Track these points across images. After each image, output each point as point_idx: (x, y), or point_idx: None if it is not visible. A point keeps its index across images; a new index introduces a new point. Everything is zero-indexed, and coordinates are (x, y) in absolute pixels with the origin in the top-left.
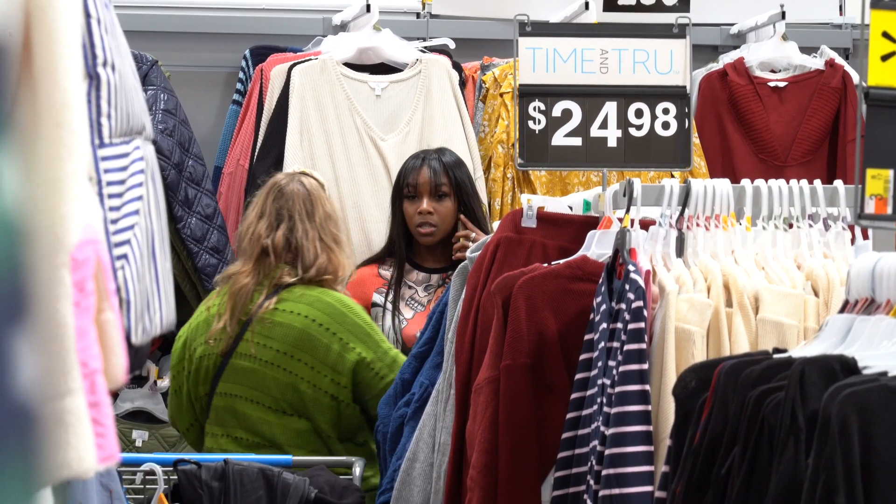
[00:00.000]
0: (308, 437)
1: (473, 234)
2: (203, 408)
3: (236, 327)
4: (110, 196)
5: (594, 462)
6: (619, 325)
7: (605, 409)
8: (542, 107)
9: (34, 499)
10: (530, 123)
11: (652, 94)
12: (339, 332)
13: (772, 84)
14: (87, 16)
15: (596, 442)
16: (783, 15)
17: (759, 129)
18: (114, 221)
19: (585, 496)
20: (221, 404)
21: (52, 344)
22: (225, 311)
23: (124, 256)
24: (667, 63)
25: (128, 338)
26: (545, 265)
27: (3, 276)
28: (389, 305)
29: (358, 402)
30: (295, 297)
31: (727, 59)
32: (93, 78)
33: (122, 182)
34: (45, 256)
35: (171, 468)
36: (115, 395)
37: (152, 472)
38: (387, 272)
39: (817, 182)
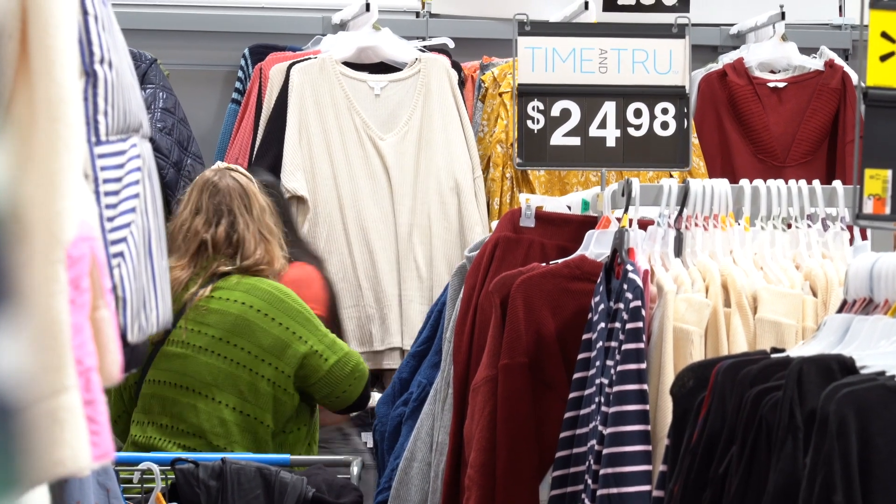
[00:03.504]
0: (231, 427)
1: None
2: (132, 396)
3: None
4: (107, 194)
5: (592, 461)
6: (618, 325)
7: (603, 408)
8: (541, 106)
9: (16, 498)
10: (529, 123)
11: (651, 94)
12: (279, 317)
13: (771, 84)
14: (85, 13)
15: (594, 441)
16: (783, 15)
17: (759, 129)
18: (110, 219)
19: (583, 495)
20: (149, 392)
21: (47, 341)
22: None
23: (121, 254)
24: (666, 63)
25: (123, 336)
26: (543, 265)
27: None
28: None
29: (300, 388)
30: (231, 284)
31: (726, 59)
32: (90, 75)
33: (118, 180)
34: (41, 253)
35: (169, 467)
36: None
37: (150, 471)
38: None
39: (816, 182)
